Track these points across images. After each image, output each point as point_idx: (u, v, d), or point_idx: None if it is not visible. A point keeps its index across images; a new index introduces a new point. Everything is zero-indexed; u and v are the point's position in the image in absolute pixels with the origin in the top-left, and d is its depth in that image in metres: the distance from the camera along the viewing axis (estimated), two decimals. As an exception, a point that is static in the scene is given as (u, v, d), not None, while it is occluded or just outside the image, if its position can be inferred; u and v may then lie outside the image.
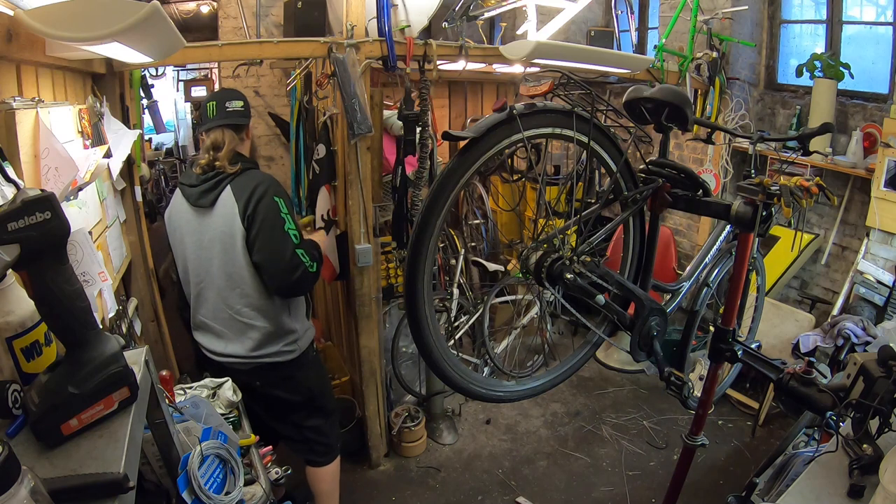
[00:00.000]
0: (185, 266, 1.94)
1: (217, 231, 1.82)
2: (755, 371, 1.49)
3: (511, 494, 2.65)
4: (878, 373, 1.04)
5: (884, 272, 2.81)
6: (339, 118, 2.45)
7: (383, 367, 2.84)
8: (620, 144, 1.31)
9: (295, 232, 1.80)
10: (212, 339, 1.94)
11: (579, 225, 1.24)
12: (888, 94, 2.94)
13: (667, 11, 3.69)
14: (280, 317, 1.91)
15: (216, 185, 1.81)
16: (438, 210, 1.07)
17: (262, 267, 1.81)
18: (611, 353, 3.81)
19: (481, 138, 1.08)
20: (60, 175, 1.33)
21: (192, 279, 1.93)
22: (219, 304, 1.89)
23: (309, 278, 1.83)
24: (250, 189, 1.77)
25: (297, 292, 1.91)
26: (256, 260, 1.80)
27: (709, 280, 1.70)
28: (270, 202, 1.77)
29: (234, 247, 1.80)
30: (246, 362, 1.91)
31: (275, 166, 4.39)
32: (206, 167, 1.82)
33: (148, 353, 0.97)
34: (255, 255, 1.80)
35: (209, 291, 1.89)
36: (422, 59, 2.42)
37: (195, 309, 1.96)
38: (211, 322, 1.93)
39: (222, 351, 1.92)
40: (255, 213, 1.76)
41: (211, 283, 1.88)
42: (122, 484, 0.69)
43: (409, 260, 1.09)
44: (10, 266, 0.69)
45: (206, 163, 1.82)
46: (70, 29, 1.12)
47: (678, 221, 4.04)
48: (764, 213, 1.38)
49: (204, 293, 1.91)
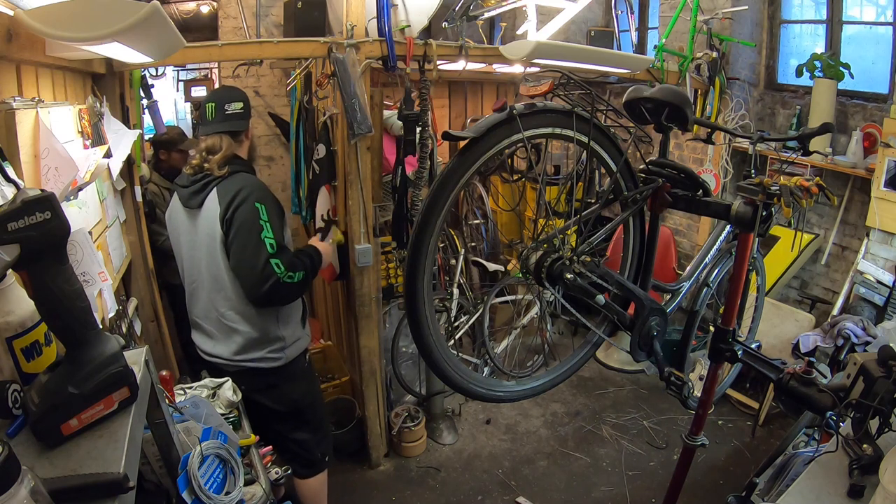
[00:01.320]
0: (182, 265, 1.94)
1: (203, 233, 1.81)
2: (755, 371, 1.49)
3: (511, 494, 2.65)
4: (878, 373, 1.04)
5: (884, 272, 2.81)
6: (339, 118, 2.45)
7: (383, 367, 2.84)
8: (620, 144, 1.30)
9: (272, 241, 1.73)
10: (203, 338, 1.95)
11: (579, 225, 1.24)
12: (888, 94, 2.94)
13: (667, 11, 3.69)
14: (265, 323, 1.86)
15: (203, 188, 1.79)
16: (438, 210, 1.07)
17: (236, 273, 1.77)
18: (611, 353, 3.81)
19: (481, 138, 1.08)
20: (60, 175, 1.33)
21: (186, 278, 1.93)
22: (208, 304, 1.88)
23: (283, 289, 1.74)
24: (233, 193, 1.74)
25: (270, 302, 1.82)
26: (231, 265, 1.77)
27: (709, 280, 1.70)
28: (250, 207, 1.72)
29: (216, 250, 1.79)
30: (230, 364, 1.89)
31: (275, 166, 4.39)
32: (197, 168, 1.81)
33: (148, 353, 0.97)
34: (230, 261, 1.77)
35: (201, 291, 1.89)
36: (422, 59, 2.42)
37: (190, 307, 1.97)
38: (202, 321, 1.93)
39: (210, 350, 1.92)
40: (234, 218, 1.72)
41: (202, 284, 1.87)
42: (122, 484, 0.69)
43: (409, 260, 1.09)
44: (10, 266, 0.69)
45: (197, 163, 1.81)
46: (70, 29, 1.11)
47: (678, 221, 4.04)
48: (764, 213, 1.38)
49: (196, 293, 1.91)
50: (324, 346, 3.44)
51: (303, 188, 3.22)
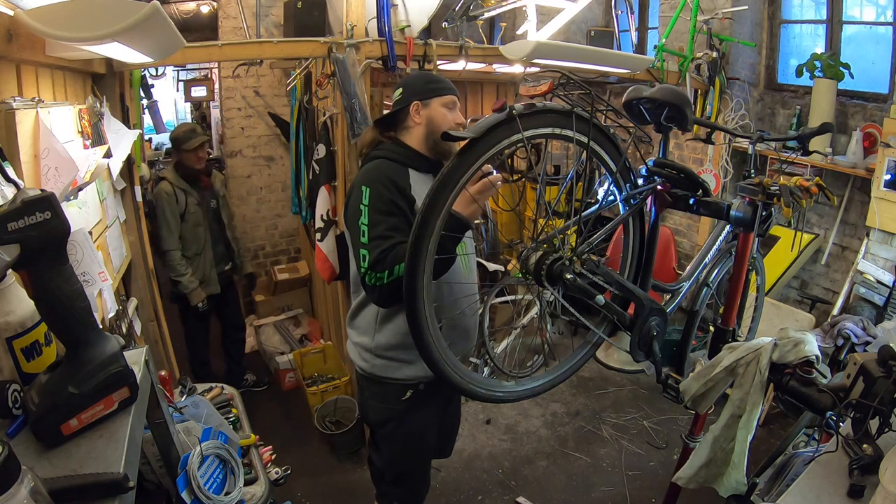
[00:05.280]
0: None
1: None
2: (755, 371, 1.49)
3: (511, 494, 2.65)
4: (878, 373, 1.04)
5: (884, 272, 2.81)
6: (339, 118, 2.45)
7: (383, 367, 2.83)
8: (620, 144, 1.30)
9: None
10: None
11: (579, 225, 1.24)
12: (888, 94, 2.94)
13: (667, 11, 3.69)
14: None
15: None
16: (438, 210, 1.07)
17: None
18: (611, 353, 3.80)
19: (481, 138, 1.08)
20: (60, 175, 1.33)
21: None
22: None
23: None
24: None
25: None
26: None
27: (709, 280, 1.70)
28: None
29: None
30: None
31: (275, 166, 4.39)
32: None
33: (148, 353, 0.97)
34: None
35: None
36: (422, 59, 2.42)
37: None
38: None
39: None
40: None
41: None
42: (122, 484, 0.69)
43: (409, 260, 1.09)
44: (10, 266, 0.69)
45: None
46: (70, 29, 1.12)
47: (678, 221, 4.04)
48: (764, 213, 1.38)
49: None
50: (324, 346, 3.44)
51: (303, 188, 3.23)
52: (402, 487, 1.77)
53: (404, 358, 1.56)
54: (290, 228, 4.56)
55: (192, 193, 2.96)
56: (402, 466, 1.73)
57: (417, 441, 1.68)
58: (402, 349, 1.55)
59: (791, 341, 1.24)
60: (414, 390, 1.58)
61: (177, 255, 2.90)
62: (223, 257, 3.19)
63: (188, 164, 2.94)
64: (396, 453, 1.70)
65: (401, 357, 1.56)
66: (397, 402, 1.59)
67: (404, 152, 1.54)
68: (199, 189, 3.02)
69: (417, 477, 1.80)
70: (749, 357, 1.28)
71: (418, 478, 1.81)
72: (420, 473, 1.81)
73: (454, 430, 2.00)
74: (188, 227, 2.95)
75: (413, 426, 1.64)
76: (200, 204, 3.01)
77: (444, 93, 1.54)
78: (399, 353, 1.56)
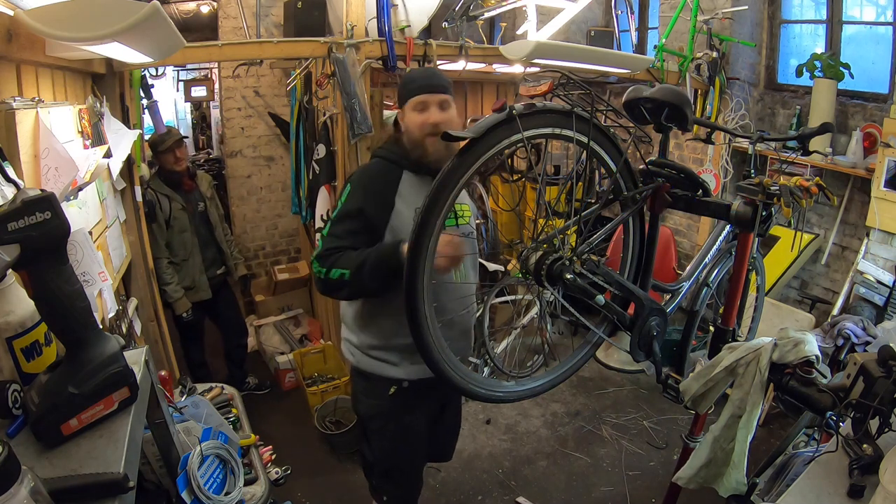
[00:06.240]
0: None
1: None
2: (755, 371, 1.49)
3: (511, 494, 2.65)
4: (878, 373, 1.04)
5: (884, 272, 2.81)
6: (339, 118, 2.45)
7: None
8: (620, 144, 1.30)
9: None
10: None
11: (579, 225, 1.24)
12: (888, 94, 2.94)
13: (667, 11, 3.69)
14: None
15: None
16: (438, 210, 1.07)
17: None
18: (611, 353, 3.80)
19: (481, 138, 1.08)
20: (60, 175, 1.33)
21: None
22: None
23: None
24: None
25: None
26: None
27: (709, 280, 1.70)
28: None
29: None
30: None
31: (275, 166, 4.39)
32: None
33: (148, 353, 0.97)
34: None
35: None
36: (422, 59, 2.42)
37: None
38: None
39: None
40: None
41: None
42: (122, 484, 0.69)
43: (409, 260, 1.09)
44: (10, 266, 0.69)
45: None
46: (70, 29, 1.12)
47: (678, 221, 4.04)
48: (764, 213, 1.38)
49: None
50: (323, 346, 3.44)
51: (303, 188, 3.23)
52: (392, 483, 1.79)
53: (386, 358, 1.59)
54: (290, 228, 4.56)
55: (175, 198, 2.86)
56: (390, 462, 1.75)
57: (404, 440, 1.70)
58: (384, 350, 1.58)
59: (791, 341, 1.24)
60: (398, 387, 1.60)
61: (163, 263, 2.80)
62: (214, 261, 3.10)
63: (167, 168, 2.85)
64: (385, 449, 1.72)
65: (382, 357, 1.59)
66: (383, 398, 1.61)
67: (402, 153, 1.57)
68: (184, 193, 2.92)
69: (407, 475, 1.81)
70: (749, 357, 1.28)
71: (409, 476, 1.82)
72: (410, 472, 1.82)
73: (454, 435, 2.00)
74: (173, 233, 2.86)
75: (401, 425, 1.66)
76: (185, 208, 2.90)
77: (413, 94, 1.52)
78: (381, 354, 1.59)
